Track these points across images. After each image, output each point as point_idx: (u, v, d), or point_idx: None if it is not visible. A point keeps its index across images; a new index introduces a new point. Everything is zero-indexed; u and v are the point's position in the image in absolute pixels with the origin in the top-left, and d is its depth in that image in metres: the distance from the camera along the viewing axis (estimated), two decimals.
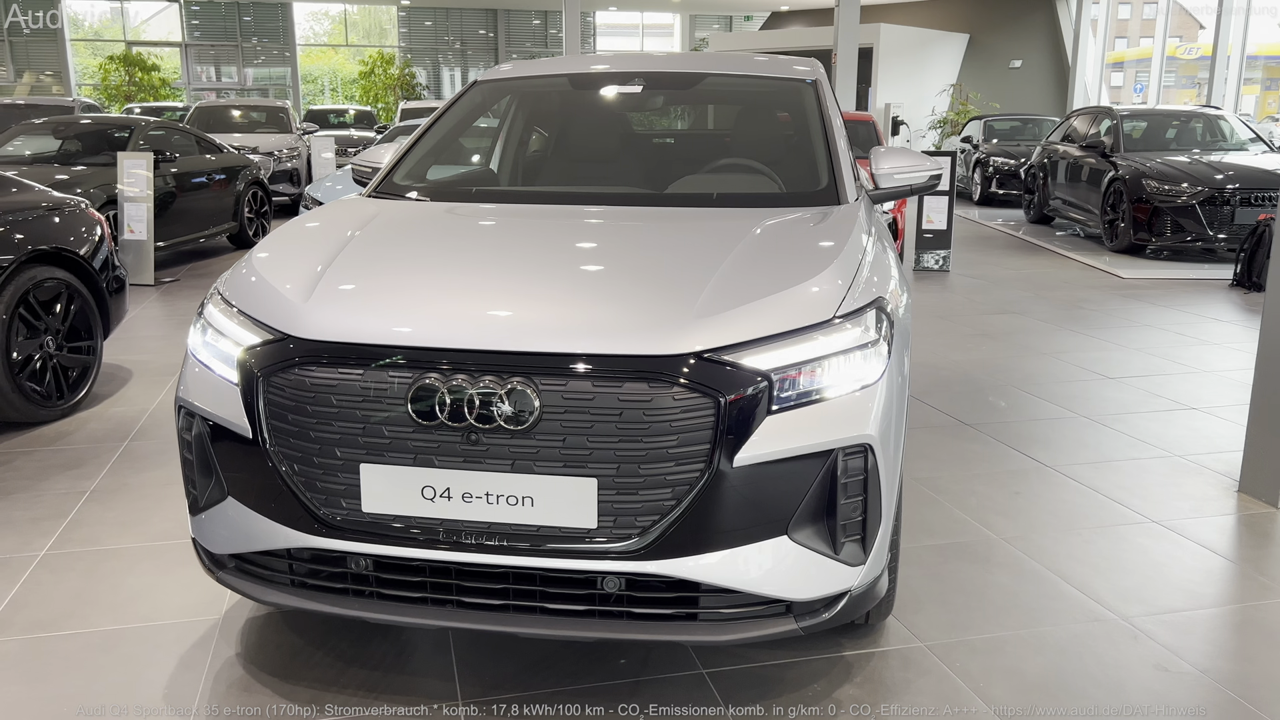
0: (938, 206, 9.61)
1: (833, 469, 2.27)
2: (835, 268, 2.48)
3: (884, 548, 2.43)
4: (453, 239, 2.86)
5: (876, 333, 2.39)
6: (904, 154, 3.43)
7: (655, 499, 2.18)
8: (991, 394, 5.38)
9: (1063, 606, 3.04)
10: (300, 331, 2.33)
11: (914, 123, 22.16)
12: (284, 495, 2.33)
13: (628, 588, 2.27)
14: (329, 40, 32.56)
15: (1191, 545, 3.49)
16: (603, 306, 2.33)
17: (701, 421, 2.17)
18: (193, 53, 29.38)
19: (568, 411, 2.16)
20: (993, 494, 3.94)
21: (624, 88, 3.78)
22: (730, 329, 2.24)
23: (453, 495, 2.23)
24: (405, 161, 3.53)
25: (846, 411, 2.29)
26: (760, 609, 2.30)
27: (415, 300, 2.41)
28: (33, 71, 29.28)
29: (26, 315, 4.64)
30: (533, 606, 2.31)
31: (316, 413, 2.27)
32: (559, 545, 2.22)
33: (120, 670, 2.66)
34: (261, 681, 2.61)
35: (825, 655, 2.75)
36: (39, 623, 2.90)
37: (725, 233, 2.77)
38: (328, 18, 32.60)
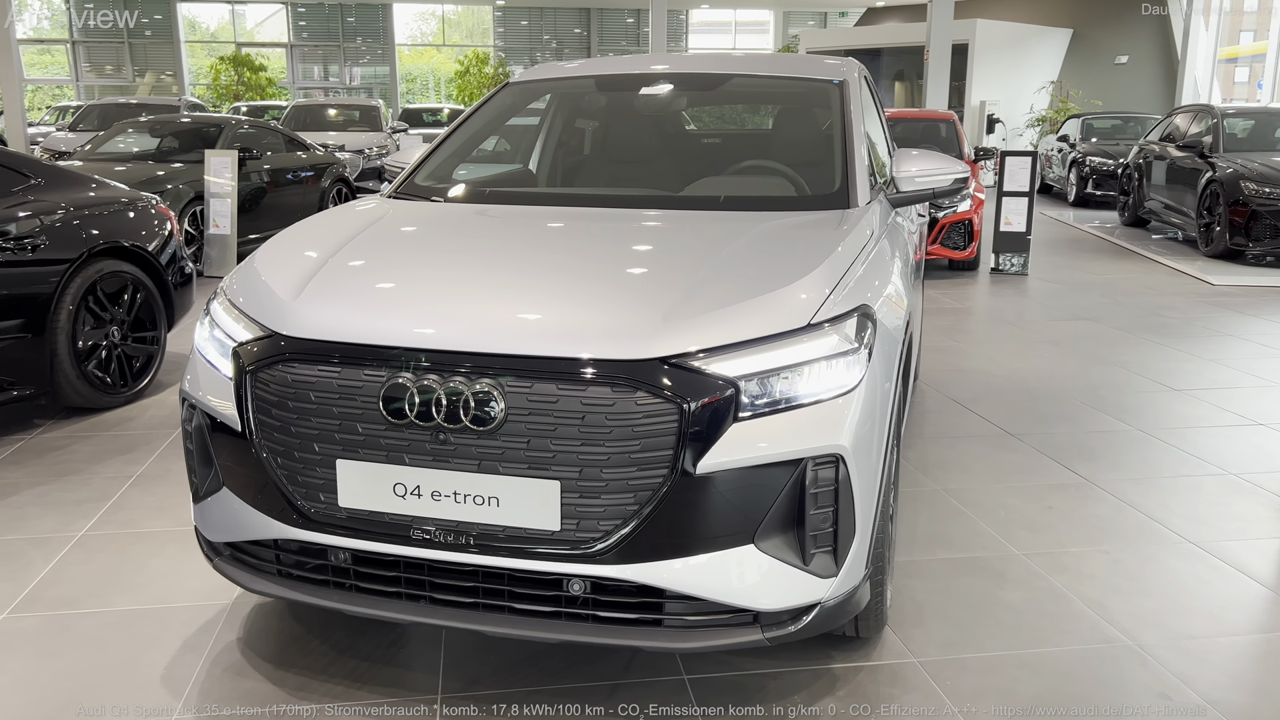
0: (1017, 208, 9.33)
1: (801, 479, 2.23)
2: (818, 274, 2.44)
3: (860, 560, 2.38)
4: (446, 241, 2.91)
5: (856, 341, 2.35)
6: (927, 157, 3.36)
7: (618, 503, 2.19)
8: (1045, 404, 5.21)
9: (1072, 627, 2.93)
10: (285, 329, 2.41)
11: (1011, 120, 21.54)
12: (269, 488, 2.41)
13: (593, 591, 2.27)
14: (434, 40, 33.26)
15: (1226, 569, 3.32)
16: (572, 310, 2.35)
17: (664, 427, 2.16)
18: (297, 53, 30.40)
19: (532, 414, 2.18)
20: (1024, 508, 3.81)
21: (648, 90, 3.78)
22: (697, 334, 2.23)
23: (422, 493, 2.27)
24: (428, 163, 3.60)
25: (817, 420, 2.25)
26: (726, 617, 2.29)
27: (394, 301, 2.46)
28: (154, 71, 30.69)
29: (94, 306, 4.88)
30: (501, 606, 2.33)
31: (297, 408, 2.34)
32: (523, 546, 2.24)
33: (127, 650, 2.78)
34: (255, 667, 2.70)
35: (812, 666, 2.71)
36: (64, 600, 3.06)
37: (717, 237, 2.75)
38: (435, 18, 33.33)
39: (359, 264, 2.65)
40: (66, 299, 4.69)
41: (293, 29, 30.28)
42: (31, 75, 30.15)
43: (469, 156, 3.78)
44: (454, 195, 3.37)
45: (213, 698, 2.56)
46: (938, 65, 14.93)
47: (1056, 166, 16.87)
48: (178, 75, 29.20)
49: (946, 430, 4.75)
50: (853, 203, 3.08)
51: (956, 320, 7.33)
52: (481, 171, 3.91)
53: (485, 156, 4.31)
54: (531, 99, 4.09)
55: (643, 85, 3.80)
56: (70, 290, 4.72)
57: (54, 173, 5.08)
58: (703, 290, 2.37)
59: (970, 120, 20.92)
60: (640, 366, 2.17)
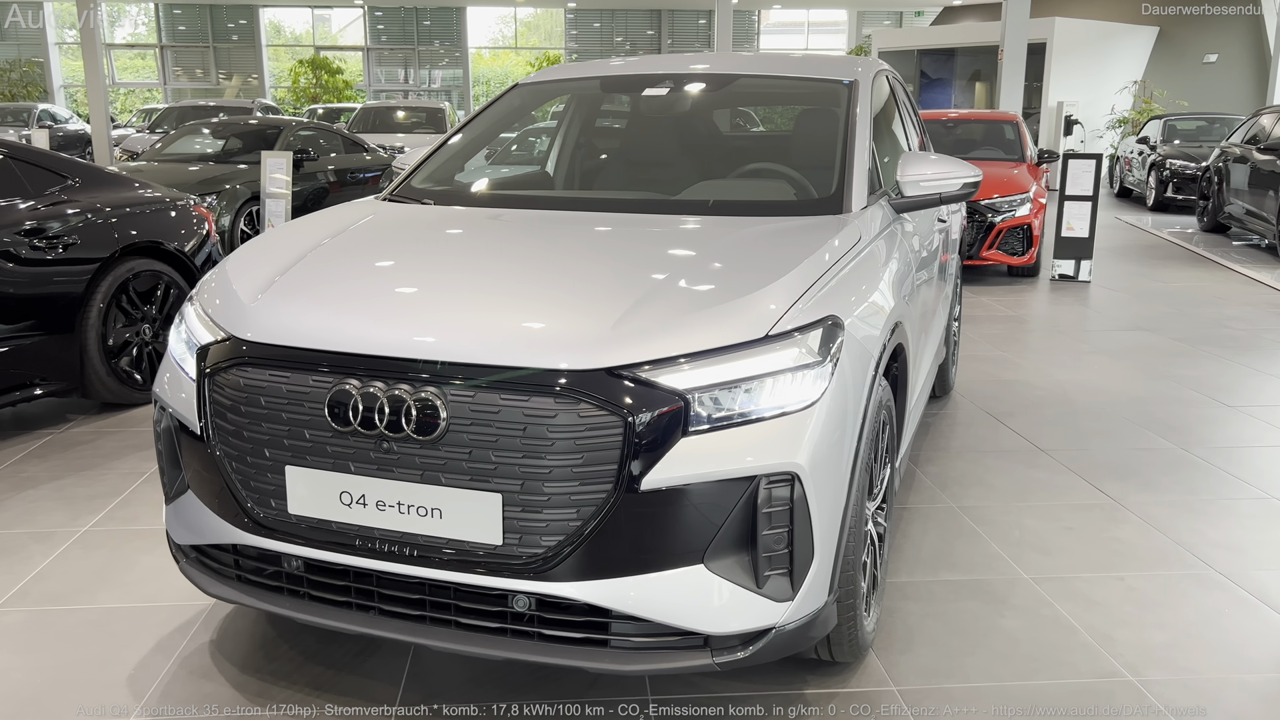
0: (1079, 212, 8.99)
1: (754, 497, 2.13)
2: (784, 282, 2.33)
3: (822, 584, 2.27)
4: (415, 245, 2.87)
5: (820, 353, 2.24)
6: (934, 160, 3.21)
7: (561, 519, 2.11)
8: (1085, 419, 4.98)
9: (1070, 659, 2.77)
10: (240, 332, 2.39)
11: (1090, 122, 20.86)
12: (224, 492, 2.39)
13: (538, 608, 2.20)
14: (508, 43, 33.59)
15: (1252, 600, 3.11)
16: (521, 317, 2.28)
17: (608, 440, 2.08)
18: (374, 56, 30.96)
19: (474, 424, 2.12)
20: (1041, 529, 3.63)
21: (652, 91, 3.69)
22: (647, 344, 2.15)
23: (368, 502, 2.23)
24: (429, 164, 3.57)
25: (773, 436, 2.15)
26: (674, 640, 2.19)
27: (344, 306, 2.42)
28: (240, 75, 31.58)
29: (125, 304, 4.98)
30: (447, 620, 2.28)
31: (249, 413, 2.31)
32: (466, 560, 2.18)
33: (102, 648, 2.80)
34: (221, 670, 2.69)
35: (784, 691, 2.60)
36: (52, 596, 3.10)
37: (693, 243, 2.66)
38: (516, 21, 33.68)
39: (320, 269, 2.62)
40: (97, 297, 4.79)
41: (370, 33, 30.86)
42: (124, 79, 31.28)
43: (484, 157, 3.75)
44: (444, 198, 3.33)
45: (172, 700, 2.55)
46: (1012, 65, 14.48)
47: (1136, 170, 16.27)
48: (260, 79, 29.97)
49: (974, 444, 4.56)
50: (846, 207, 2.96)
51: (1007, 329, 7.08)
52: (503, 172, 3.87)
53: (520, 159, 4.26)
54: (541, 100, 4.04)
55: (648, 87, 3.72)
56: (101, 288, 4.82)
57: (91, 173, 5.20)
58: (660, 299, 2.29)
59: (1047, 122, 20.31)
60: (583, 377, 2.10)
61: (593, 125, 3.97)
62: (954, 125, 10.63)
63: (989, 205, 8.79)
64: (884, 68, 4.01)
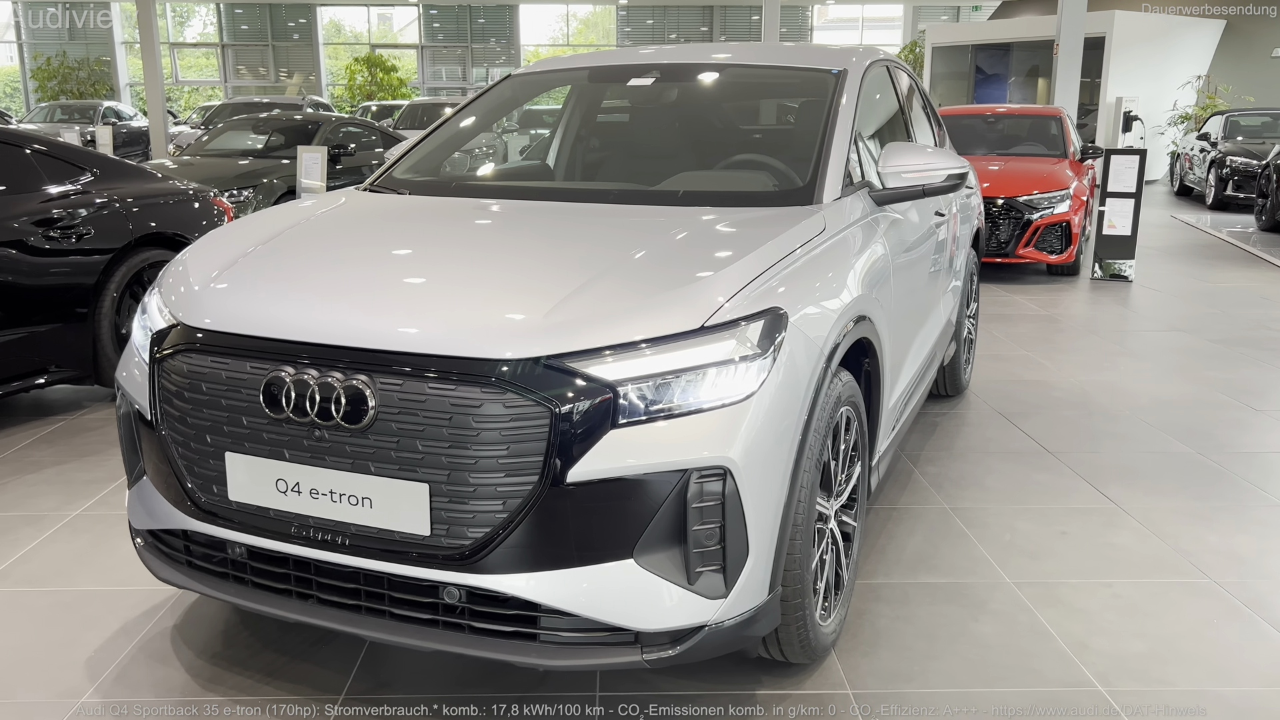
0: (1121, 210, 8.73)
1: (684, 492, 2.08)
2: (727, 274, 2.28)
3: (759, 582, 2.21)
4: (371, 234, 2.85)
5: (760, 346, 2.18)
6: (917, 151, 3.12)
7: (487, 510, 2.09)
8: (1100, 420, 4.82)
9: (1040, 667, 2.67)
10: (187, 318, 2.40)
11: (1151, 118, 20.27)
12: (171, 478, 2.41)
13: (469, 600, 2.18)
14: (561, 40, 33.70)
15: (1245, 612, 2.97)
16: (455, 306, 2.25)
17: (534, 432, 2.05)
18: (428, 54, 31.28)
19: (402, 413, 2.11)
20: (1035, 533, 3.51)
21: (639, 81, 3.64)
22: (577, 335, 2.11)
23: (302, 490, 2.22)
24: (413, 154, 3.56)
25: (705, 430, 2.10)
26: (604, 636, 2.15)
27: (283, 294, 2.42)
28: (301, 73, 32.13)
29: (139, 293, 5.07)
30: (381, 610, 2.26)
31: (192, 399, 2.32)
32: (395, 550, 2.16)
33: (68, 630, 2.84)
34: (178, 655, 2.71)
35: (736, 691, 2.55)
36: (30, 578, 3.15)
37: (648, 233, 2.61)
38: (569, 18, 33.80)
39: (270, 257, 2.62)
40: (110, 286, 4.88)
41: (426, 31, 31.19)
42: (187, 77, 32.02)
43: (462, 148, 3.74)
44: (421, 188, 3.32)
45: (126, 683, 2.58)
46: (1068, 60, 14.14)
47: (1197, 167, 15.79)
48: (316, 76, 30.47)
49: (979, 445, 4.44)
50: (817, 199, 2.88)
51: (1036, 328, 6.90)
52: (492, 163, 3.85)
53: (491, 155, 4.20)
54: (534, 91, 4.02)
55: (634, 77, 3.67)
56: (115, 278, 4.91)
57: (109, 165, 5.30)
58: (598, 289, 2.25)
59: (1105, 118, 19.78)
60: (509, 366, 2.07)
61: (581, 116, 3.93)
62: (995, 120, 10.40)
63: (1026, 202, 8.58)
64: (882, 58, 3.91)
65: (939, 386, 5.00)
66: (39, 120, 21.79)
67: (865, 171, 3.20)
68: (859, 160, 3.20)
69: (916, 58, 24.91)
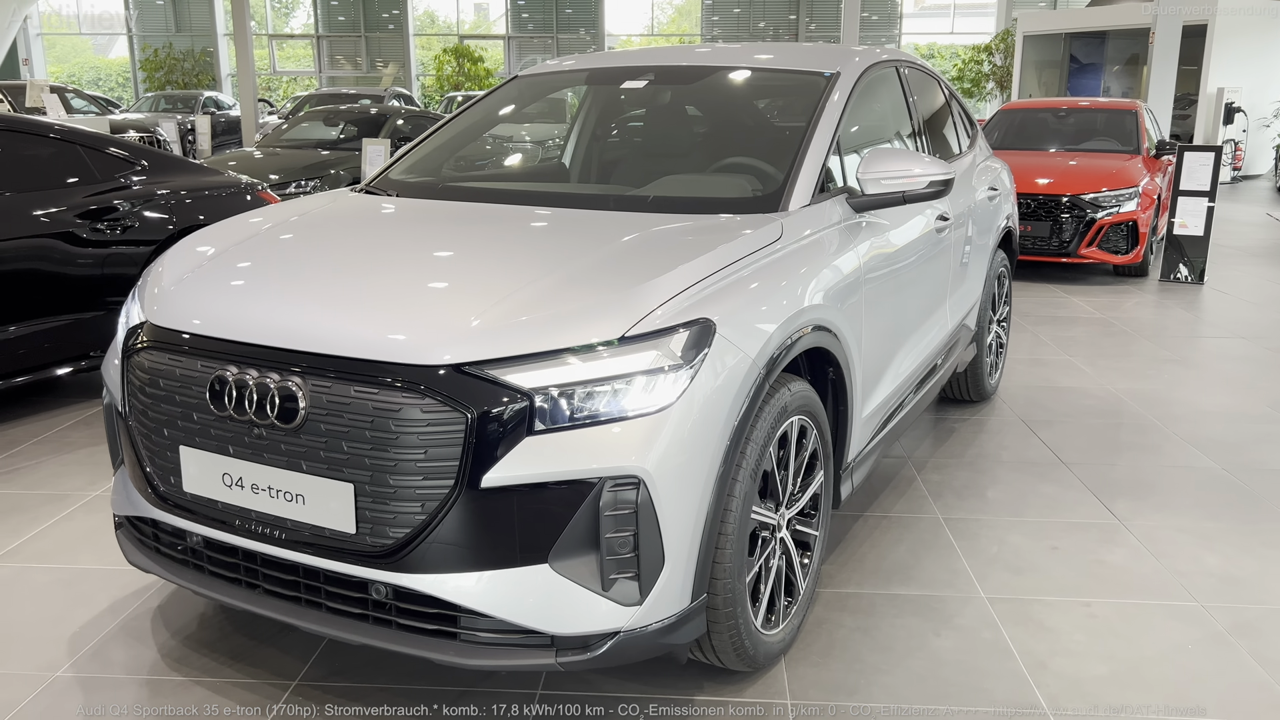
0: (1194, 209, 8.38)
1: (598, 500, 2.12)
2: (658, 284, 2.30)
3: (677, 590, 2.23)
4: (332, 238, 2.92)
5: (682, 357, 2.19)
6: (899, 157, 3.06)
7: (407, 511, 2.15)
8: (1128, 431, 4.67)
9: (990, 686, 2.62)
10: (151, 316, 2.53)
11: (1257, 110, 19.32)
12: (138, 467, 2.54)
13: (396, 598, 2.25)
14: (648, 30, 33.69)
15: (1226, 638, 2.86)
16: (387, 312, 2.31)
17: (449, 436, 2.10)
18: (515, 44, 31.63)
19: (329, 414, 2.18)
20: (1024, 546, 3.44)
21: (631, 84, 3.66)
22: (497, 342, 2.15)
23: (245, 485, 2.32)
24: (412, 154, 3.65)
25: (620, 439, 2.13)
26: (521, 637, 2.20)
27: (235, 295, 2.52)
28: (396, 63, 32.83)
29: None
30: (318, 603, 2.35)
31: (153, 394, 2.45)
32: (325, 546, 2.25)
33: (59, 607, 3.01)
34: (154, 634, 2.86)
35: (675, 695, 2.57)
36: (39, 554, 3.35)
37: (597, 240, 2.64)
38: (671, 6, 33.79)
39: (234, 258, 2.72)
40: None
41: (514, 21, 31.56)
42: (285, 67, 33.01)
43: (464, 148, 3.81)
44: (410, 190, 3.39)
45: (99, 661, 2.73)
46: (1164, 49, 13.57)
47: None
48: (406, 67, 31.10)
49: (991, 453, 4.35)
50: (783, 206, 2.87)
51: (1086, 332, 6.69)
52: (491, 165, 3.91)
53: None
54: (540, 92, 4.06)
55: (628, 80, 3.68)
56: None
57: (158, 158, 5.54)
58: (528, 296, 2.29)
59: (1205, 110, 18.94)
60: (427, 372, 2.12)
61: (582, 119, 3.97)
62: (1066, 115, 10.07)
63: (1091, 200, 8.31)
64: (889, 59, 3.85)
65: (960, 392, 4.90)
66: (144, 109, 22.70)
67: (848, 177, 3.16)
68: (841, 165, 3.17)
69: (1008, 47, 24.22)
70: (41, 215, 4.68)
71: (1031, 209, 8.43)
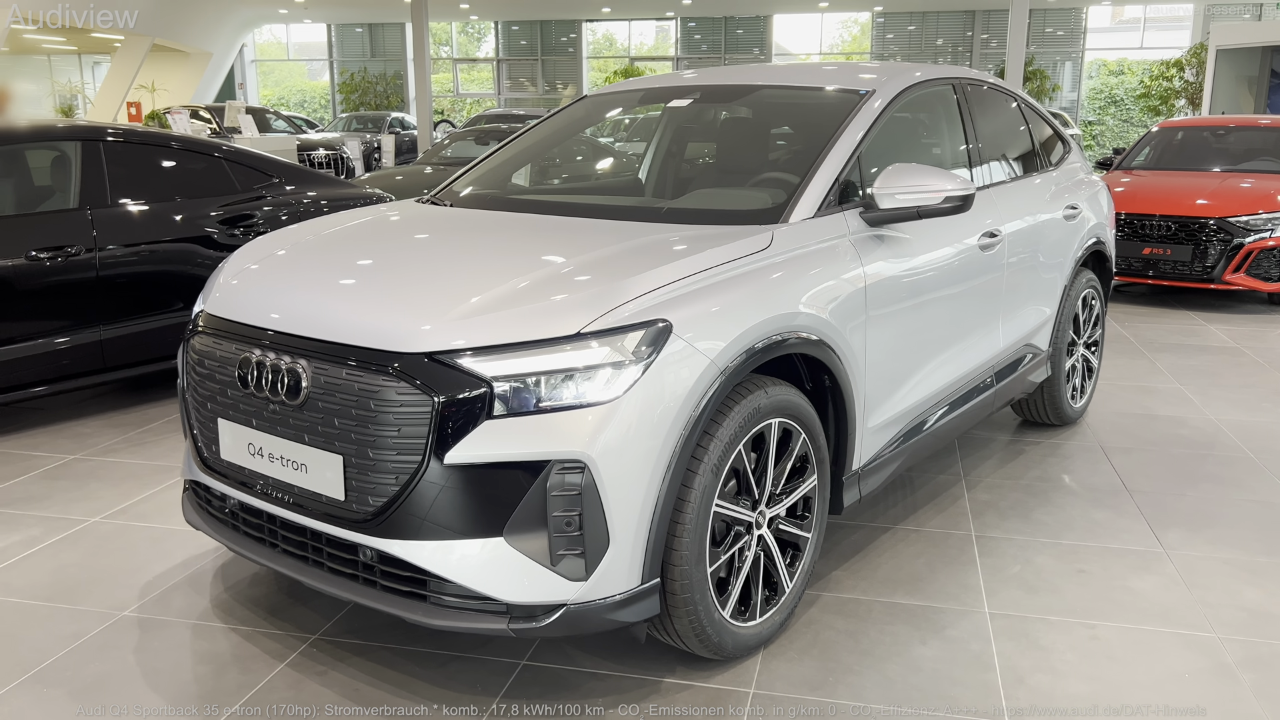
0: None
1: (545, 481, 2.31)
2: (624, 284, 2.48)
3: (623, 569, 2.40)
4: (370, 242, 3.22)
5: (635, 354, 2.37)
6: (914, 172, 3.11)
7: (384, 482, 2.41)
8: (1213, 464, 4.45)
9: (958, 694, 2.65)
10: (207, 305, 2.91)
11: None
12: (191, 437, 2.92)
13: (380, 560, 2.51)
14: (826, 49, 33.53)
15: (1235, 673, 2.76)
16: (384, 305, 2.59)
17: (418, 417, 2.35)
18: (682, 65, 32.13)
19: (326, 393, 2.48)
20: (1049, 568, 3.39)
21: (678, 103, 3.84)
22: (465, 334, 2.39)
23: (264, 454, 2.65)
24: (479, 168, 3.96)
25: (570, 426, 2.32)
26: (479, 604, 2.42)
27: (269, 287, 2.87)
28: (575, 85, 34.02)
29: None
30: (320, 563, 2.65)
31: (200, 373, 2.82)
32: (323, 510, 2.54)
33: (145, 558, 3.44)
34: (213, 587, 3.24)
35: (646, 676, 2.72)
36: (140, 514, 3.82)
37: (594, 245, 2.83)
38: (839, 24, 33.59)
39: (285, 257, 3.07)
40: None
41: (683, 43, 32.10)
42: (469, 90, 34.74)
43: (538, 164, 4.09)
44: (464, 201, 3.69)
45: (161, 605, 3.13)
46: None
47: None
48: (579, 89, 32.14)
49: (1052, 476, 4.26)
50: (785, 218, 2.98)
51: (1209, 361, 6.35)
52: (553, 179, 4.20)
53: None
54: (603, 111, 4.30)
55: (675, 99, 3.87)
56: None
57: (293, 171, 6.11)
58: (504, 292, 2.51)
59: None
60: (402, 358, 2.38)
61: (658, 136, 4.16)
62: (1225, 133, 9.50)
63: (1242, 223, 7.84)
64: (941, 77, 3.88)
65: (1038, 414, 4.80)
66: (338, 129, 24.47)
67: (838, 193, 3.20)
68: (860, 180, 3.24)
69: (1200, 61, 22.81)
70: (184, 221, 5.28)
71: (1172, 231, 8.03)
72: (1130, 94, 28.29)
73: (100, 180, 5.03)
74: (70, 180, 5.04)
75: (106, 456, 4.47)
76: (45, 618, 3.05)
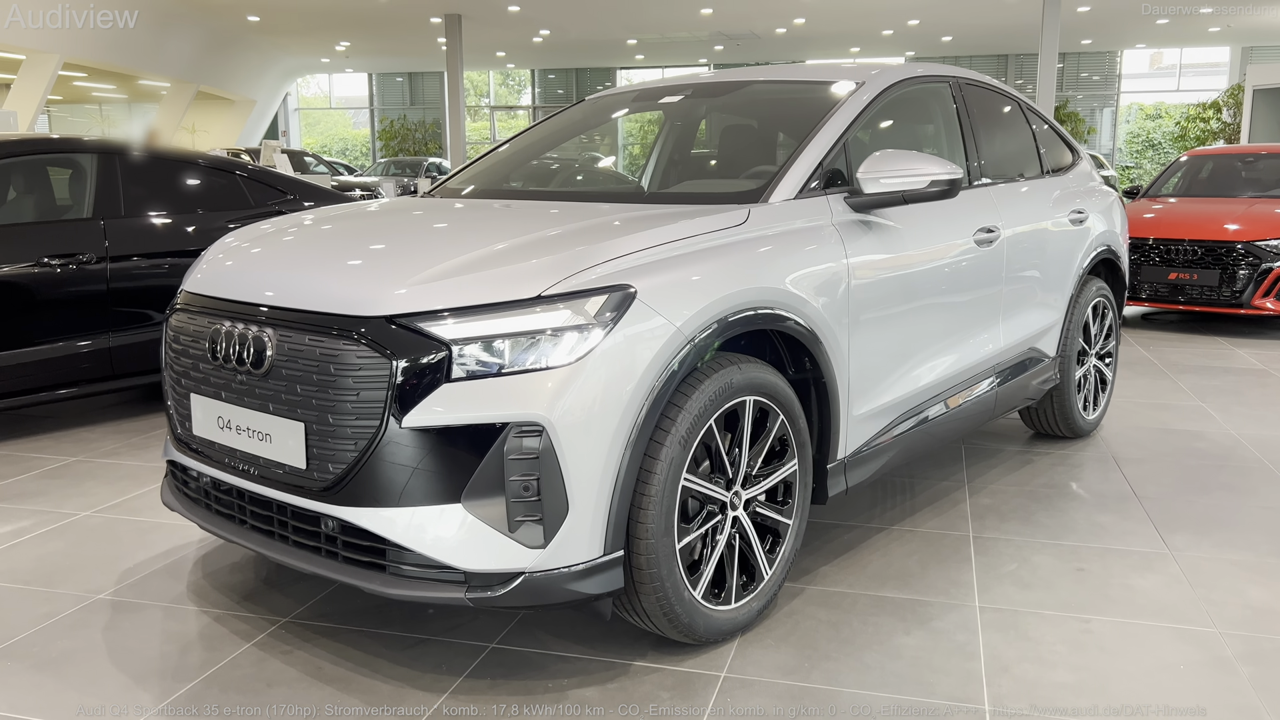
0: None
1: (503, 444, 2.27)
2: (579, 251, 2.46)
3: (584, 538, 2.34)
4: (349, 223, 3.23)
5: (596, 318, 2.33)
6: (899, 157, 3.07)
7: (344, 449, 2.39)
8: (1228, 474, 4.31)
9: (937, 681, 2.54)
10: (184, 283, 2.93)
11: None
12: (168, 415, 2.93)
13: (341, 531, 2.48)
14: None
15: (1233, 665, 2.63)
16: (346, 273, 2.59)
17: (377, 380, 2.33)
18: None
19: (289, 360, 2.47)
20: (1047, 567, 3.27)
21: (669, 99, 3.84)
22: (424, 297, 2.37)
23: (232, 426, 2.64)
24: (474, 166, 3.99)
25: (526, 389, 2.29)
26: (437, 572, 2.37)
27: (237, 263, 2.88)
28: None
29: None
30: (285, 536, 2.61)
31: (176, 349, 2.83)
32: (285, 480, 2.51)
33: (129, 547, 3.43)
34: (190, 574, 3.22)
35: (615, 660, 2.65)
36: (132, 508, 3.83)
37: (569, 220, 2.81)
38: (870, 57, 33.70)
39: (256, 240, 3.07)
40: None
41: None
42: (502, 136, 35.30)
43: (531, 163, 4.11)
44: (447, 193, 3.71)
45: (137, 589, 3.11)
46: None
47: None
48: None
49: (1059, 484, 4.14)
50: (764, 198, 2.95)
51: (1233, 381, 6.18)
52: None
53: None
54: (604, 113, 4.30)
55: (667, 96, 3.88)
56: None
57: (306, 189, 6.19)
58: (470, 259, 2.49)
59: None
60: (361, 322, 2.37)
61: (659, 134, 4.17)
62: (1254, 160, 9.37)
63: (1270, 247, 7.69)
64: (936, 75, 3.87)
65: (1048, 425, 4.68)
66: (376, 173, 24.92)
67: (825, 177, 3.16)
68: (848, 169, 3.21)
69: (1238, 102, 22.60)
70: (196, 233, 5.35)
71: (1199, 255, 7.89)
72: (1168, 137, 28.04)
73: (114, 192, 5.13)
74: (85, 192, 5.14)
75: (107, 459, 4.50)
76: (21, 600, 3.04)
